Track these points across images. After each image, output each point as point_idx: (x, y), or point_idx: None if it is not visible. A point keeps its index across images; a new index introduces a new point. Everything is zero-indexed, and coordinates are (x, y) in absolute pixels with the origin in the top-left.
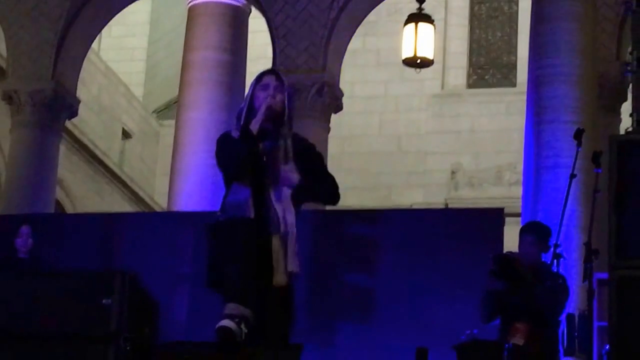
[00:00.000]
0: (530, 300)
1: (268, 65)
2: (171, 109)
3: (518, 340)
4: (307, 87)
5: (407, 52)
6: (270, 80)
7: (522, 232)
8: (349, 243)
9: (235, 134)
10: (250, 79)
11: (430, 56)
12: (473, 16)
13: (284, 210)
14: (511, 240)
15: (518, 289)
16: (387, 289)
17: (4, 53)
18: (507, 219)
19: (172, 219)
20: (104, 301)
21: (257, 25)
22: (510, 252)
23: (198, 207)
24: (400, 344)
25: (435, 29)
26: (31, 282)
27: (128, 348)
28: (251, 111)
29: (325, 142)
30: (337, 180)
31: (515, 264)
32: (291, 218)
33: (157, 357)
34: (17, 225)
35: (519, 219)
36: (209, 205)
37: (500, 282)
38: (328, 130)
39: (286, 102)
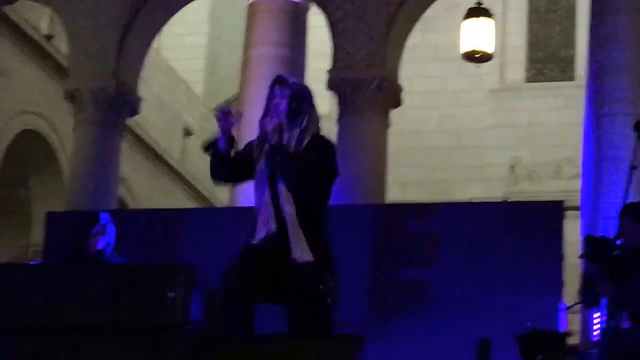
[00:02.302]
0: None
1: (328, 61)
2: (232, 106)
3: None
4: (367, 83)
5: (465, 47)
6: (273, 90)
7: (621, 215)
8: (408, 237)
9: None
10: (310, 75)
11: (489, 51)
12: (531, 10)
13: (283, 204)
14: (570, 234)
15: (612, 275)
16: (446, 282)
17: (67, 52)
18: (566, 213)
19: (232, 214)
20: (168, 294)
21: (317, 22)
22: (605, 236)
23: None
24: (460, 337)
25: (494, 23)
26: (96, 276)
27: (192, 341)
28: (265, 116)
29: (384, 137)
30: (397, 175)
31: (608, 246)
32: (289, 209)
33: (220, 350)
34: (90, 221)
35: (578, 212)
36: None
37: (593, 266)
38: (387, 125)
39: (289, 103)
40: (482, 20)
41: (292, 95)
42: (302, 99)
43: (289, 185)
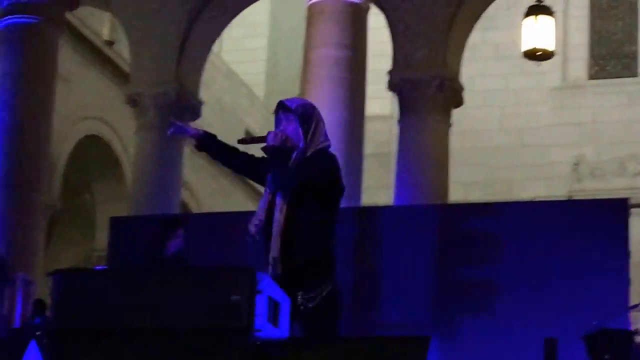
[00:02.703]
0: None
1: (388, 62)
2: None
3: None
4: (427, 83)
5: (527, 45)
6: (278, 116)
7: None
8: (471, 237)
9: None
10: (371, 75)
11: (550, 48)
12: (593, 6)
13: (275, 211)
14: (636, 231)
15: None
16: (511, 282)
17: (128, 57)
18: (631, 210)
19: None
20: (232, 297)
21: (377, 22)
22: None
23: None
24: (526, 337)
25: (555, 20)
26: (164, 279)
27: (257, 343)
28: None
29: (446, 137)
30: (460, 175)
31: None
32: (278, 216)
33: (285, 352)
34: (171, 224)
35: None
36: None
37: None
38: (449, 125)
39: (299, 124)
40: (543, 17)
41: (300, 119)
42: (308, 118)
43: (283, 191)
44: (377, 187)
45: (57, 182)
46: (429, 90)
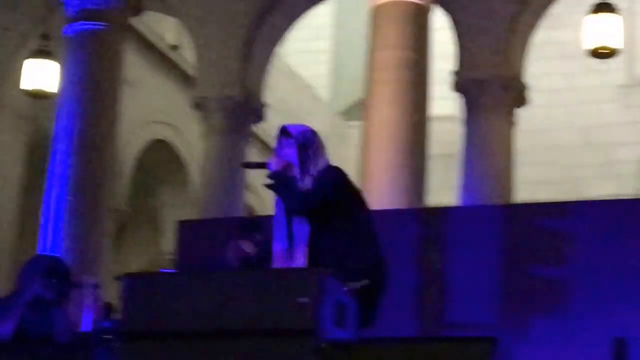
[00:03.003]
0: None
1: (452, 62)
2: (357, 109)
3: None
4: (492, 83)
5: (591, 43)
6: (280, 140)
7: None
8: (539, 236)
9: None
10: (434, 77)
11: (615, 46)
12: None
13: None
14: None
15: None
16: (580, 281)
17: (193, 61)
18: None
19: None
20: (299, 299)
21: (440, 22)
22: None
23: (387, 206)
24: (596, 337)
25: (620, 18)
26: (232, 281)
27: (324, 345)
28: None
29: (508, 137)
30: (527, 174)
31: None
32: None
33: (352, 354)
34: (254, 226)
35: None
36: (399, 204)
37: None
38: (513, 124)
39: (296, 153)
40: (608, 15)
41: (298, 147)
42: (308, 146)
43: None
44: (443, 188)
45: (124, 187)
46: (493, 90)
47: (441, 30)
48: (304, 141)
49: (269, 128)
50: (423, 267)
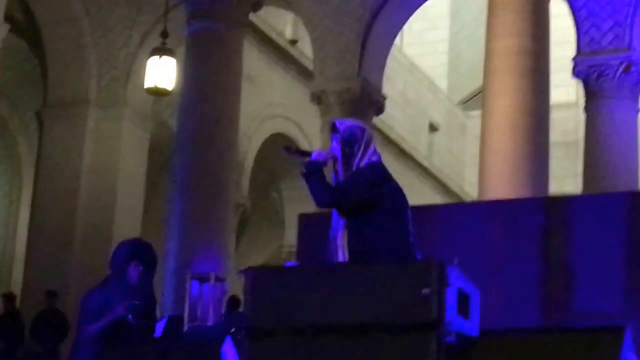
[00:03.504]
0: None
1: (571, 48)
2: (476, 99)
3: None
4: (613, 68)
5: None
6: (331, 136)
7: None
8: None
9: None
10: (554, 64)
11: None
12: None
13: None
14: None
15: None
16: None
17: (311, 55)
18: None
19: (481, 209)
20: (423, 291)
21: (559, 9)
22: None
23: (508, 195)
24: None
25: None
26: (355, 274)
27: (449, 337)
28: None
29: (634, 121)
30: None
31: None
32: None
33: (478, 345)
34: None
35: None
36: (520, 193)
37: None
38: (637, 109)
39: (341, 149)
40: None
41: (343, 142)
42: (353, 143)
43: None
44: (565, 176)
45: (246, 181)
46: (614, 75)
47: (560, 17)
48: (349, 137)
49: (388, 120)
50: (546, 257)
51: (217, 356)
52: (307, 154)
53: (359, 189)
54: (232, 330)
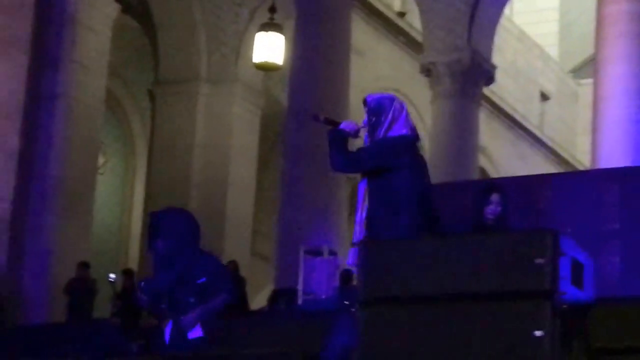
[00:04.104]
0: None
1: None
2: (587, 66)
3: None
4: None
5: None
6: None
7: None
8: None
9: None
10: None
11: None
12: None
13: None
14: None
15: None
16: None
17: (420, 27)
18: None
19: (595, 176)
20: (536, 261)
21: None
22: None
23: (622, 163)
24: None
25: None
26: (470, 244)
27: (563, 306)
28: None
29: None
30: None
31: None
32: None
33: (592, 313)
34: (487, 193)
35: None
36: (632, 160)
37: None
38: None
39: (368, 118)
40: None
41: (369, 112)
42: (380, 112)
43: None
44: None
45: None
46: None
47: None
48: (376, 108)
49: (498, 90)
50: None
51: (331, 328)
52: (335, 123)
53: (371, 157)
54: (346, 302)
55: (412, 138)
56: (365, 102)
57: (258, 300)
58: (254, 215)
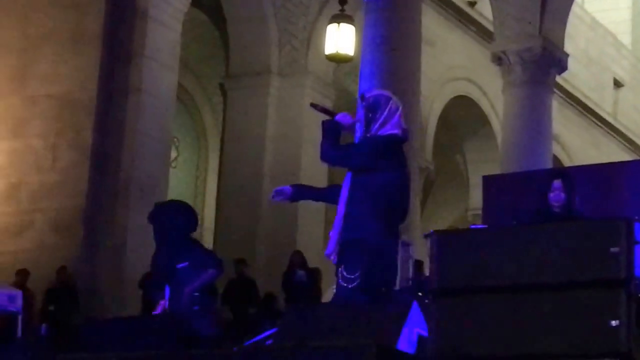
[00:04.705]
0: None
1: None
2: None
3: None
4: None
5: None
6: (358, 104)
7: None
8: None
9: None
10: None
11: None
12: None
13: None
14: None
15: None
16: None
17: (491, 16)
18: None
19: None
20: (611, 249)
21: None
22: None
23: None
24: None
25: None
26: (541, 233)
27: (638, 294)
28: None
29: None
30: None
31: None
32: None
33: None
34: (550, 180)
35: None
36: None
37: None
38: None
39: (365, 114)
40: None
41: (366, 107)
42: (376, 108)
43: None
44: None
45: (429, 145)
46: None
47: None
48: (372, 104)
49: (571, 78)
50: None
51: (404, 319)
52: (331, 113)
53: (361, 156)
54: (419, 293)
55: (403, 139)
56: (363, 97)
57: (331, 293)
58: (326, 206)
